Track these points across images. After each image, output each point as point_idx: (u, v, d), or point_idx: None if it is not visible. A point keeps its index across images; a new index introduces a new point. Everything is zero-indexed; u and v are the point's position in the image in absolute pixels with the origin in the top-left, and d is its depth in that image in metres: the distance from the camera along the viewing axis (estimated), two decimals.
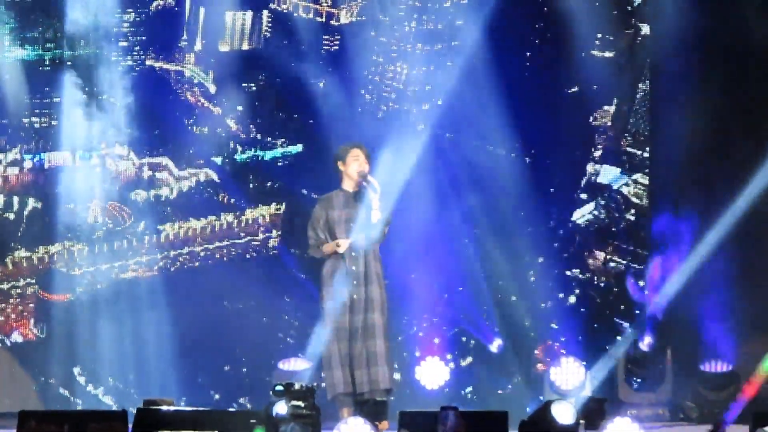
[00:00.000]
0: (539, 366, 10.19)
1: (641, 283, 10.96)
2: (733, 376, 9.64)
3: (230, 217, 11.98)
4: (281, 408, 7.46)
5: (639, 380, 9.95)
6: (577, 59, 11.38)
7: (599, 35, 11.49)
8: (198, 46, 11.84)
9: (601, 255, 11.37)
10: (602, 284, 11.32)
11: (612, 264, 11.30)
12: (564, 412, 6.96)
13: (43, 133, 11.77)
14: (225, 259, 11.90)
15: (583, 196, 11.63)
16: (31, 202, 11.71)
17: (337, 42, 11.83)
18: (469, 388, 11.03)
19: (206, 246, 11.94)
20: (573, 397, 8.85)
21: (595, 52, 11.50)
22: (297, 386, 7.55)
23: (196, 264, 11.86)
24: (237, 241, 11.92)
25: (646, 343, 9.97)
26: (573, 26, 11.32)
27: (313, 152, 11.65)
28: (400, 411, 7.54)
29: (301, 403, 7.42)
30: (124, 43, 11.77)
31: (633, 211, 11.49)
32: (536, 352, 10.24)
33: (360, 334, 8.47)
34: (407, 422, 7.20)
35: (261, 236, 11.87)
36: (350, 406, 8.50)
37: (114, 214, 11.90)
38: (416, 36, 11.67)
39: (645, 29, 11.41)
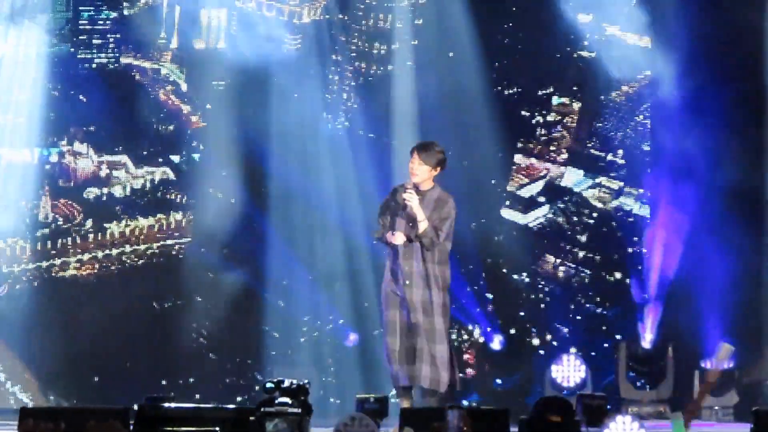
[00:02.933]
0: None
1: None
2: (732, 374, 9.48)
3: (179, 216, 11.79)
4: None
5: (640, 378, 9.81)
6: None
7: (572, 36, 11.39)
8: (174, 44, 11.83)
9: (551, 259, 11.08)
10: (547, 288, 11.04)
11: (562, 268, 11.06)
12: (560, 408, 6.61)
13: (5, 128, 11.75)
14: (165, 258, 11.72)
15: (541, 199, 11.38)
16: None
17: (299, 40, 11.74)
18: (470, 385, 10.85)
19: (150, 245, 11.73)
20: (573, 394, 8.69)
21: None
22: (287, 383, 7.19)
23: (140, 262, 11.69)
24: (183, 240, 11.67)
25: (647, 340, 9.82)
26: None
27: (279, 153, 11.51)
28: (402, 408, 7.52)
29: (288, 400, 7.09)
30: (98, 41, 11.81)
31: (595, 215, 11.24)
32: None
33: (407, 332, 8.18)
34: (409, 419, 7.00)
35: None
36: (409, 398, 8.22)
37: (65, 211, 11.82)
38: (373, 35, 11.63)
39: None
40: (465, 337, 11.03)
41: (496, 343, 10.31)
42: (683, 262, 10.50)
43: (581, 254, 11.28)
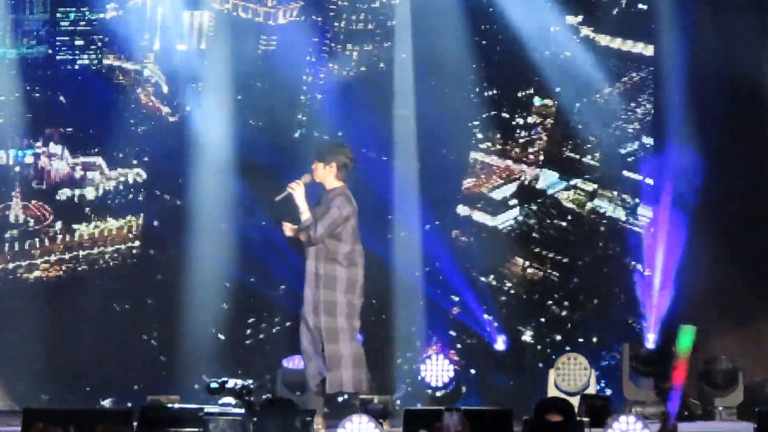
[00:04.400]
0: None
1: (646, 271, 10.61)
2: (735, 373, 9.50)
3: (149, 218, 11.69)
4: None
5: (644, 378, 9.66)
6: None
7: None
8: (157, 46, 11.78)
9: (520, 261, 10.94)
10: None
11: (530, 270, 10.92)
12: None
13: None
14: (135, 260, 11.58)
15: (513, 201, 11.21)
16: None
17: (274, 42, 11.64)
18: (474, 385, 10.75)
19: (118, 247, 11.60)
20: (578, 395, 8.82)
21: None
22: (232, 383, 7.34)
23: (111, 264, 11.61)
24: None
25: (651, 341, 9.79)
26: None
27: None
28: (406, 409, 7.53)
29: (233, 401, 7.24)
30: (80, 42, 11.76)
31: (569, 217, 11.03)
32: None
33: (305, 331, 8.27)
34: (413, 421, 7.12)
35: None
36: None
37: (36, 213, 11.73)
38: (346, 36, 11.52)
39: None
40: (472, 341, 10.94)
41: (500, 344, 10.18)
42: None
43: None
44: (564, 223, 11.03)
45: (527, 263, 10.99)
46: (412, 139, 11.20)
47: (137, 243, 11.60)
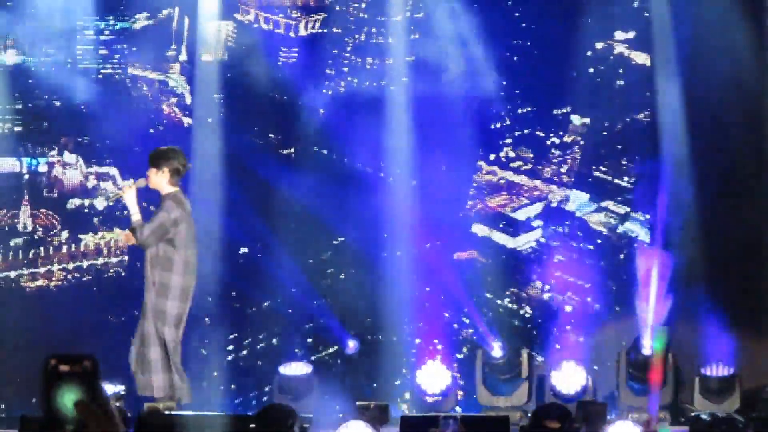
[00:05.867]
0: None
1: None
2: (733, 380, 9.53)
3: None
4: None
5: (640, 384, 9.56)
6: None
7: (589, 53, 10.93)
8: (183, 56, 11.63)
9: (539, 284, 10.75)
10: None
11: (547, 295, 10.74)
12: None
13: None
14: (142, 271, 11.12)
15: (537, 222, 10.93)
16: None
17: (295, 54, 11.47)
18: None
19: (122, 258, 11.43)
20: (574, 401, 8.87)
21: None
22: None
23: (110, 273, 11.39)
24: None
25: (647, 347, 9.60)
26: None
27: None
28: (402, 416, 7.71)
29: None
30: (104, 51, 11.61)
31: (599, 240, 10.77)
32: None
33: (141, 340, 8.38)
34: (409, 427, 7.24)
35: None
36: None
37: (45, 222, 11.53)
38: (366, 49, 11.35)
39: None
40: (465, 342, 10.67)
41: (497, 350, 9.87)
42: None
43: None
44: (591, 246, 10.70)
45: (546, 287, 10.65)
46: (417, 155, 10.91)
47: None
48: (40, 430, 2.32)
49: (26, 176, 11.49)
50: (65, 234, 11.39)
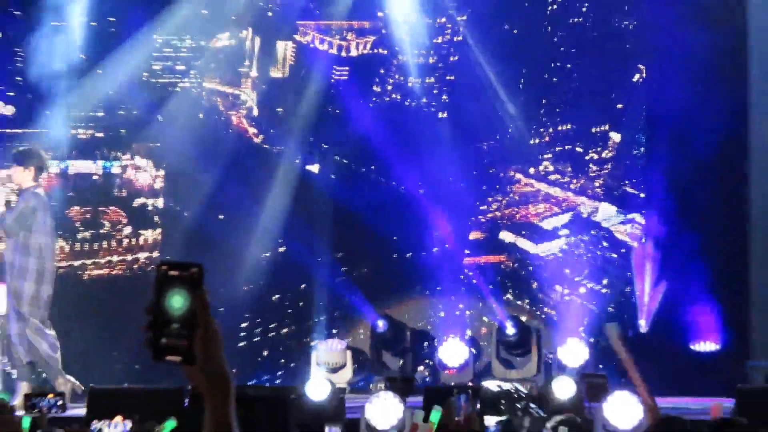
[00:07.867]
0: None
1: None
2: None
3: None
4: None
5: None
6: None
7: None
8: (254, 72, 12.37)
9: (559, 288, 11.02)
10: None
11: (566, 299, 11.00)
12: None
13: (81, 142, 12.45)
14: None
15: (564, 232, 11.24)
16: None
17: (345, 72, 12.09)
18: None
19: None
20: (578, 374, 9.20)
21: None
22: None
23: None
24: None
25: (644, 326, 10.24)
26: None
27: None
28: (425, 386, 8.65)
29: None
30: (182, 66, 12.41)
31: (623, 249, 11.06)
32: None
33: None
34: (431, 396, 7.73)
35: None
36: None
37: (112, 218, 12.29)
38: (411, 68, 11.89)
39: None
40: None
41: (510, 328, 10.27)
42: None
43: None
44: (615, 255, 10.98)
45: (567, 291, 10.95)
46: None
47: None
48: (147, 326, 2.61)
49: (99, 177, 12.33)
50: (128, 229, 12.19)
